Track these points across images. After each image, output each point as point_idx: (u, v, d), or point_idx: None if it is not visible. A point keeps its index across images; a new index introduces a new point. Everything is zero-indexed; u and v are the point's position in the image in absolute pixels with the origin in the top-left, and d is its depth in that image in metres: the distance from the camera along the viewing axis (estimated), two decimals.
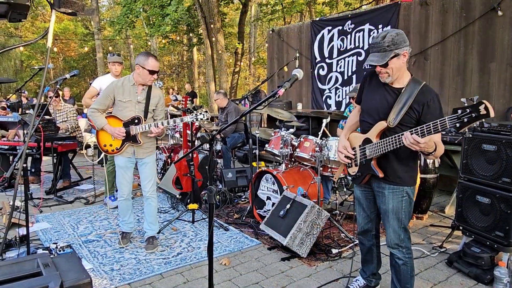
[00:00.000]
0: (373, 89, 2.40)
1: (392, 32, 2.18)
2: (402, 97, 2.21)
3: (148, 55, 3.39)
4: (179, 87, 26.42)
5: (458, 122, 1.82)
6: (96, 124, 3.45)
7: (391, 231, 2.39)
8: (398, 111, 2.20)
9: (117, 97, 3.43)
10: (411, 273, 2.44)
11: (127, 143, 3.47)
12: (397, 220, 2.36)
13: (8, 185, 5.63)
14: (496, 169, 3.00)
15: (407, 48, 2.20)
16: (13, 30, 27.13)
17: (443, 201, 5.02)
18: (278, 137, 4.39)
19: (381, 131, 2.30)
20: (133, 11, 14.94)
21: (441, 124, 1.92)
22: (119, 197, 3.66)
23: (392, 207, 2.36)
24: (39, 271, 1.78)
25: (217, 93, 6.38)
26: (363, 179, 2.45)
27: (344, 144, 2.53)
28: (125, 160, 3.52)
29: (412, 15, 6.21)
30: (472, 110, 1.77)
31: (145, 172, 3.60)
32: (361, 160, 2.42)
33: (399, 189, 2.33)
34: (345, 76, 7.32)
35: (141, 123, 3.42)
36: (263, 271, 3.17)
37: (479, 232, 3.12)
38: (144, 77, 3.39)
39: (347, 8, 14.83)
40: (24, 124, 5.32)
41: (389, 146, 2.21)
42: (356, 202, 2.68)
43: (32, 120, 1.07)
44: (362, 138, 2.41)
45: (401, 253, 2.41)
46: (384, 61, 2.17)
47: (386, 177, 2.34)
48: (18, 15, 1.06)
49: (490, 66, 5.36)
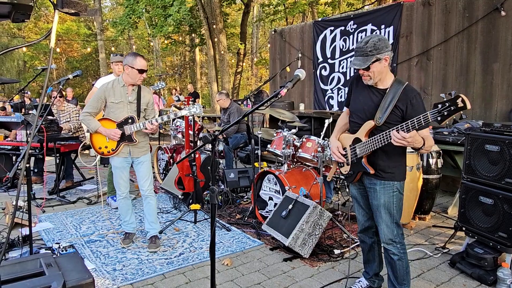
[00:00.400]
0: (359, 91, 2.52)
1: (375, 38, 2.30)
2: (387, 97, 2.33)
3: (135, 55, 3.46)
4: (181, 88, 26.46)
5: (439, 116, 1.99)
6: (90, 127, 3.48)
7: (384, 226, 2.47)
8: (384, 110, 2.32)
9: (108, 99, 3.47)
10: (407, 268, 2.51)
11: (123, 143, 3.49)
12: (389, 215, 2.45)
13: (11, 185, 5.65)
14: (499, 170, 2.98)
15: (389, 53, 2.32)
16: (16, 31, 27.25)
17: (446, 201, 5.00)
18: (280, 137, 4.38)
19: (369, 130, 2.41)
20: (135, 11, 14.99)
21: (424, 118, 2.06)
22: (118, 196, 3.67)
23: (383, 202, 2.44)
24: (42, 271, 1.79)
25: (220, 93, 6.38)
26: (355, 177, 2.54)
27: (336, 145, 2.63)
28: (121, 160, 3.54)
29: (415, 16, 6.20)
30: (450, 104, 1.95)
31: (142, 171, 3.63)
32: (352, 159, 2.52)
33: (389, 184, 2.42)
34: (347, 77, 7.31)
35: (134, 123, 3.47)
36: (265, 272, 3.17)
37: (482, 233, 3.11)
38: (133, 77, 3.43)
39: (349, 9, 14.83)
40: (27, 124, 5.35)
41: (378, 143, 2.32)
42: (354, 201, 2.74)
43: (35, 121, 1.07)
44: (352, 138, 2.52)
45: (396, 249, 2.47)
46: (366, 65, 2.30)
47: (376, 173, 2.43)
48: (22, 16, 1.06)
49: (493, 66, 5.35)
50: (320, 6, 17.94)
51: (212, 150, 2.08)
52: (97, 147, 3.54)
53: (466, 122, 4.66)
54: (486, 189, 3.09)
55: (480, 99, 5.50)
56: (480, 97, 5.50)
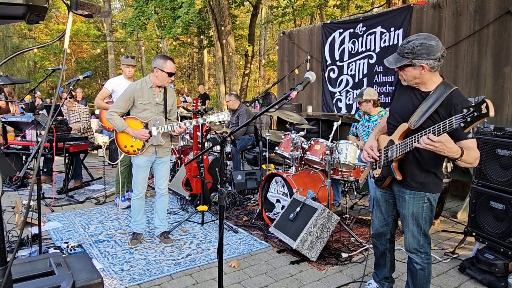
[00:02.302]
0: (402, 93, 2.39)
1: (417, 41, 2.11)
2: (429, 100, 2.16)
3: (166, 58, 3.51)
4: (189, 89, 26.56)
5: (463, 122, 1.84)
6: (117, 127, 3.52)
7: (410, 236, 2.37)
8: (421, 114, 2.16)
9: (137, 100, 3.53)
10: (428, 278, 2.42)
11: (150, 143, 3.54)
12: (417, 226, 2.34)
13: (21, 184, 5.71)
14: (511, 175, 2.94)
15: (429, 62, 2.10)
16: (27, 32, 27.60)
17: (455, 206, 4.95)
18: (289, 139, 4.37)
19: (403, 133, 2.28)
20: (144, 13, 15.09)
21: (449, 123, 1.91)
22: (134, 195, 3.70)
23: (412, 212, 2.33)
24: (52, 270, 1.80)
25: (229, 95, 6.39)
26: (384, 181, 2.43)
27: (371, 144, 2.52)
28: (145, 159, 3.60)
29: (425, 18, 6.16)
30: (474, 109, 1.80)
31: (163, 171, 3.71)
32: (384, 161, 2.41)
33: (420, 195, 2.29)
34: (356, 79, 7.28)
35: (162, 124, 3.54)
36: (272, 274, 3.16)
37: (493, 238, 3.07)
38: (162, 80, 3.50)
39: (358, 11, 14.78)
40: (37, 124, 5.40)
41: (407, 147, 2.18)
42: (375, 204, 2.64)
43: (48, 122, 1.08)
44: (387, 140, 2.41)
45: (420, 259, 2.38)
46: (395, 66, 2.20)
47: (405, 181, 2.32)
48: (36, 17, 1.07)
49: (504, 70, 5.28)
50: (329, 8, 17.91)
51: (221, 151, 2.08)
52: (122, 145, 3.59)
53: (476, 126, 4.60)
54: (498, 194, 3.05)
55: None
56: (491, 101, 5.43)
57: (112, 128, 3.69)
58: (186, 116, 7.49)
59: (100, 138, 6.33)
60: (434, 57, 2.10)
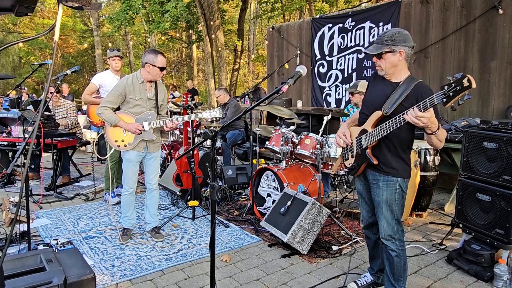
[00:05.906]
0: (374, 85, 2.54)
1: (394, 30, 2.34)
2: (398, 90, 2.34)
3: (156, 52, 3.48)
4: (178, 84, 26.36)
5: (445, 97, 1.98)
6: (110, 121, 3.47)
7: (385, 222, 2.47)
8: (393, 101, 2.31)
9: (128, 95, 3.50)
10: (404, 266, 2.52)
11: (141, 138, 3.52)
12: (391, 212, 2.45)
13: (8, 181, 5.62)
14: (497, 167, 3.00)
15: (406, 48, 2.31)
16: (11, 26, 27.01)
17: (443, 198, 5.04)
18: (279, 134, 4.39)
19: (376, 121, 2.40)
20: (132, 7, 14.91)
21: (429, 101, 2.05)
22: (124, 191, 3.68)
23: (385, 198, 2.44)
24: (43, 267, 1.79)
25: (219, 89, 6.37)
26: (358, 169, 2.54)
27: (343, 131, 2.63)
28: (136, 154, 3.58)
29: (413, 13, 6.21)
30: (456, 84, 1.95)
31: (153, 166, 3.71)
32: (357, 150, 2.51)
33: (393, 181, 2.42)
34: (345, 74, 7.32)
35: (154, 119, 3.53)
36: (264, 268, 3.18)
37: (479, 229, 3.14)
38: (154, 74, 3.48)
39: (346, 6, 14.81)
40: (24, 120, 5.30)
41: (386, 130, 2.27)
42: (359, 197, 2.74)
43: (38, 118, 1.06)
44: (359, 129, 2.52)
45: (395, 245, 2.47)
46: (377, 52, 2.33)
47: (379, 166, 2.43)
48: (26, 9, 1.05)
49: (490, 64, 5.37)
50: (318, 3, 17.92)
51: (212, 146, 2.08)
52: (113, 139, 3.54)
53: (463, 120, 4.68)
54: (484, 186, 3.11)
55: (477, 96, 5.53)
56: (477, 95, 5.52)
57: (100, 124, 3.66)
58: (176, 111, 7.45)
59: (88, 134, 6.26)
60: (409, 45, 2.32)
